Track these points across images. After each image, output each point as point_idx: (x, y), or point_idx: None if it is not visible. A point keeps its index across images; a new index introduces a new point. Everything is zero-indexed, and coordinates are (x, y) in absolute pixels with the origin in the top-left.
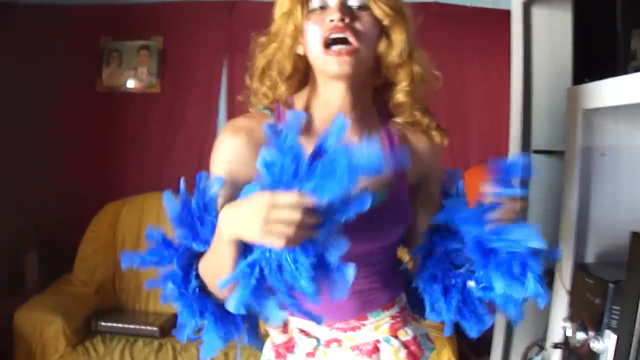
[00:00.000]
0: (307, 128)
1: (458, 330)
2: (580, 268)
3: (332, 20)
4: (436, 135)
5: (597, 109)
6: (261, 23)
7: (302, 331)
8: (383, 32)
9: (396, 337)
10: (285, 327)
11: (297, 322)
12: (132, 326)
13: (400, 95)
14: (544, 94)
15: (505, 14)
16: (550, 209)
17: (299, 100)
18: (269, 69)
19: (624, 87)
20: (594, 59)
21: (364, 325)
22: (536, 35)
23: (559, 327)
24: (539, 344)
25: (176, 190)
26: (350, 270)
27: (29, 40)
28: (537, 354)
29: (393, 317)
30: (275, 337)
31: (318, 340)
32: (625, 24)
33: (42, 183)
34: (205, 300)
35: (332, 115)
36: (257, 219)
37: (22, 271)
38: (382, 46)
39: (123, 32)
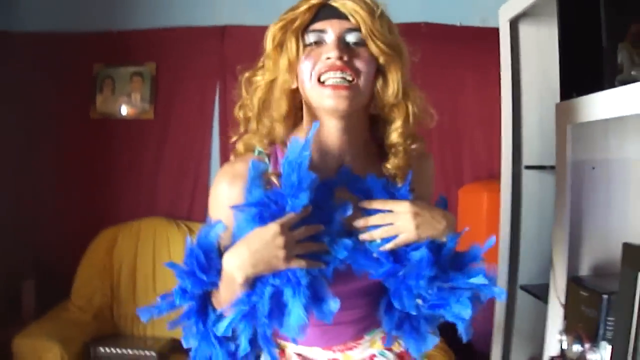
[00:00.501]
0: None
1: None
2: (574, 281)
3: (328, 58)
4: (422, 154)
5: (586, 123)
6: (252, 47)
7: (299, 355)
8: (379, 70)
9: (390, 350)
10: (282, 353)
11: (294, 347)
12: (130, 351)
13: (394, 135)
14: (533, 110)
15: (494, 32)
16: (543, 223)
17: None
18: (265, 109)
19: (611, 101)
20: (581, 73)
21: (360, 344)
22: (524, 52)
23: (555, 340)
24: (536, 358)
25: (170, 216)
26: (335, 304)
27: (23, 68)
28: None
29: (386, 333)
30: None
31: None
32: (610, 38)
33: (39, 210)
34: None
35: (329, 153)
36: (276, 249)
37: (19, 298)
38: (377, 85)
39: (116, 58)
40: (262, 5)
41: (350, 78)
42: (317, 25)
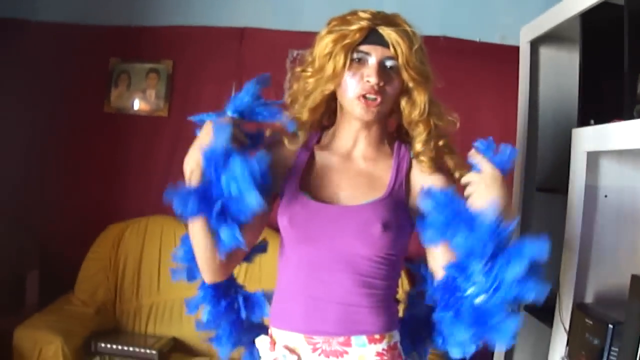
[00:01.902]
0: (330, 147)
1: None
2: (579, 308)
3: (368, 81)
4: (460, 173)
5: (601, 152)
6: (270, 50)
7: (287, 347)
8: (407, 90)
9: None
10: (272, 345)
11: (283, 339)
12: (131, 348)
13: (419, 145)
14: (549, 133)
15: (513, 51)
16: (552, 247)
17: (327, 134)
18: (306, 99)
19: (629, 132)
20: (600, 100)
21: (346, 353)
22: (543, 73)
23: None
24: None
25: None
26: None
27: (39, 57)
28: None
29: (379, 354)
30: (264, 355)
31: (300, 359)
32: (632, 67)
33: (47, 202)
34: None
35: (343, 140)
36: (206, 129)
37: (23, 289)
38: (403, 103)
39: (133, 54)
40: (281, 10)
41: (380, 99)
42: (364, 48)
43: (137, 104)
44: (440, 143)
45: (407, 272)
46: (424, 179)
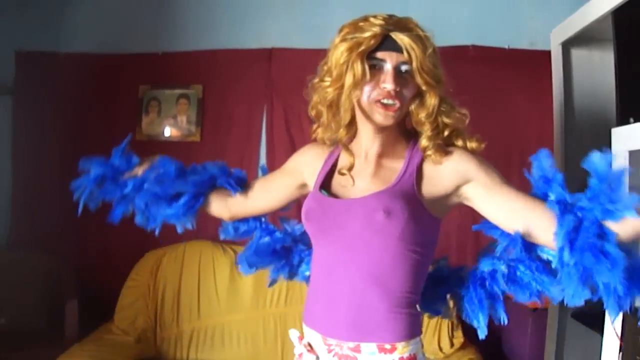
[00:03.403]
0: (350, 148)
1: None
2: (630, 311)
3: (385, 87)
4: (471, 146)
5: None
6: (299, 69)
7: (309, 345)
8: (419, 92)
9: None
10: (300, 339)
11: (308, 335)
12: None
13: (424, 141)
14: (587, 135)
15: (543, 55)
16: None
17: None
18: (330, 110)
19: None
20: (638, 98)
21: (356, 358)
22: (576, 75)
23: None
24: None
25: (216, 239)
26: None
27: (68, 89)
28: None
29: None
30: (295, 346)
31: (318, 358)
32: None
33: (84, 231)
34: None
35: (364, 141)
36: None
37: (62, 319)
38: (413, 105)
39: (162, 80)
40: (308, 29)
41: (398, 104)
42: (379, 55)
43: (169, 131)
44: (446, 133)
45: None
46: (437, 169)
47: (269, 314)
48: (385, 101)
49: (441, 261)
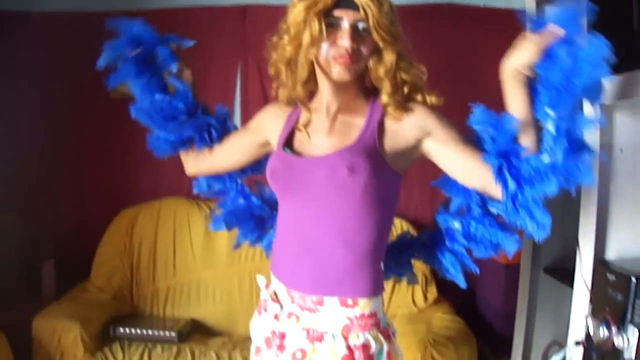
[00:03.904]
0: (311, 106)
1: (477, 330)
2: (601, 264)
3: (343, 45)
4: (430, 101)
5: (615, 104)
6: (274, 27)
7: (274, 294)
8: (376, 49)
9: (346, 338)
10: (267, 286)
11: (274, 284)
12: (150, 332)
13: (384, 97)
14: None
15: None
16: (569, 205)
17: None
18: (289, 68)
19: None
20: (612, 53)
21: (318, 311)
22: None
23: (581, 324)
24: (559, 343)
25: (191, 196)
26: None
27: (43, 49)
28: (557, 353)
29: (350, 320)
30: (262, 292)
31: (282, 307)
32: None
33: (58, 191)
34: None
35: (325, 98)
36: None
37: (39, 280)
38: (371, 62)
39: None
40: None
41: (354, 59)
42: (336, 13)
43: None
44: (406, 90)
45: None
46: (398, 124)
47: (244, 269)
48: (342, 58)
49: (403, 232)
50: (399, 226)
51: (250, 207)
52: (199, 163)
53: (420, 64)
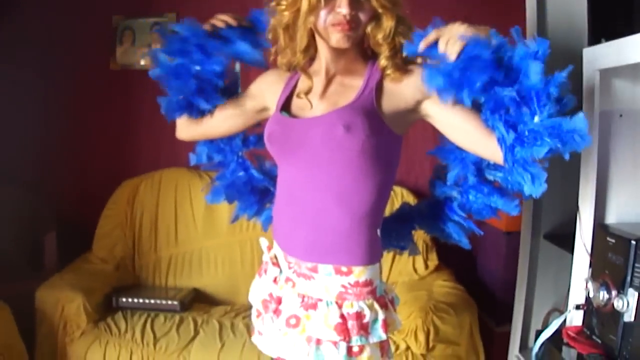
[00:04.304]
0: (311, 71)
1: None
2: (601, 228)
3: (341, 12)
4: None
5: (614, 70)
6: None
7: (275, 258)
8: (376, 16)
9: (340, 306)
10: (269, 249)
11: (275, 249)
12: (152, 301)
13: (383, 60)
14: (561, 58)
15: None
16: (569, 171)
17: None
18: (288, 34)
19: None
20: (610, 19)
21: (313, 278)
22: (550, 1)
23: (581, 289)
24: (559, 310)
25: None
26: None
27: (40, 22)
28: (557, 318)
29: (344, 287)
30: (264, 254)
31: (281, 271)
32: None
33: (59, 163)
34: None
35: (324, 62)
36: None
37: (41, 252)
38: (369, 28)
39: (135, 10)
40: None
41: (353, 25)
42: None
43: (143, 59)
44: (405, 53)
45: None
46: (397, 85)
47: (246, 238)
48: (341, 24)
49: (403, 204)
50: (400, 194)
51: (250, 180)
52: (193, 127)
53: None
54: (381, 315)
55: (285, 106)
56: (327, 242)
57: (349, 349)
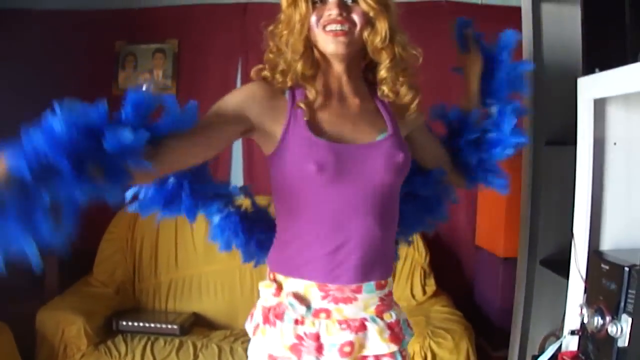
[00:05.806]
0: (322, 93)
1: (475, 324)
2: (595, 254)
3: (330, 15)
4: (414, 109)
5: (608, 99)
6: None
7: (295, 295)
8: (369, 21)
9: (382, 318)
10: (278, 291)
11: (291, 286)
12: (152, 325)
13: (383, 71)
14: (556, 87)
15: (516, 11)
16: (565, 199)
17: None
18: (284, 52)
19: (634, 75)
20: (603, 49)
21: (356, 299)
22: (546, 30)
23: (576, 314)
24: (556, 334)
25: None
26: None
27: (44, 47)
28: (553, 344)
29: (380, 300)
30: (266, 299)
31: (309, 307)
32: (634, 14)
33: None
34: None
35: (332, 87)
36: None
37: (43, 274)
38: (366, 33)
39: (138, 35)
40: None
41: (346, 28)
42: None
43: (145, 85)
44: (403, 67)
45: None
46: (402, 114)
47: (245, 264)
48: (332, 27)
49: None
50: None
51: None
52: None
53: (417, 47)
54: (403, 316)
55: (313, 129)
56: (371, 261)
57: (403, 356)
